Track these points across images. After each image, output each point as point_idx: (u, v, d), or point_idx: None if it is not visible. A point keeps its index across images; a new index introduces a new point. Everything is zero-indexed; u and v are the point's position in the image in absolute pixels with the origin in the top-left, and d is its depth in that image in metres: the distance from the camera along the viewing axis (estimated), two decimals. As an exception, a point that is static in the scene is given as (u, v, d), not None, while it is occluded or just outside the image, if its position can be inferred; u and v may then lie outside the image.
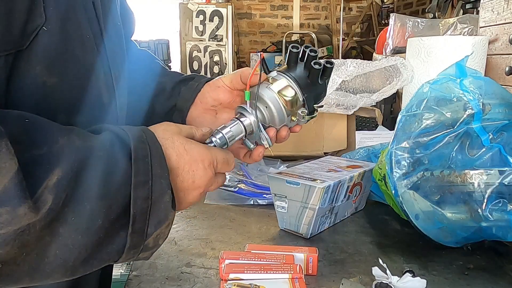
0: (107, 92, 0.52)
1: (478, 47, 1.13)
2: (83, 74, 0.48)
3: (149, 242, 0.43)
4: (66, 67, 0.45)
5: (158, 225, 0.43)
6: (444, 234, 0.68)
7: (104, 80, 0.51)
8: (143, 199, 0.41)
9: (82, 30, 0.47)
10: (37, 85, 0.43)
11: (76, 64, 0.46)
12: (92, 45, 0.49)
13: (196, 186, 0.48)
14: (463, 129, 0.67)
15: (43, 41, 0.42)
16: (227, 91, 0.63)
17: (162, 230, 0.44)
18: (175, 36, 4.24)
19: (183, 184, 0.47)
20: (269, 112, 0.56)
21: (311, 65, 0.56)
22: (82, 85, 0.48)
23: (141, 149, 0.42)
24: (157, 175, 0.42)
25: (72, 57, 0.46)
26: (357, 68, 1.12)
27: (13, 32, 0.40)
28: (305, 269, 0.62)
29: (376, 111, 1.41)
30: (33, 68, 0.42)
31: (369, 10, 4.86)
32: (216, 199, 0.94)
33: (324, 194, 0.71)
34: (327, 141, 1.30)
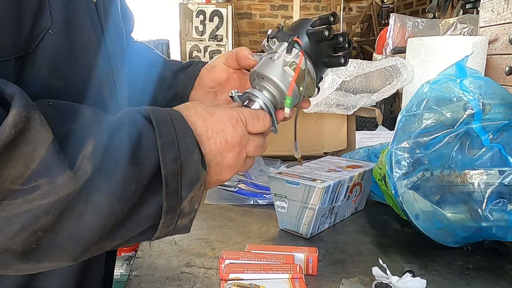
0: (108, 91, 0.52)
1: (478, 47, 1.13)
2: (86, 75, 0.48)
3: (185, 206, 0.43)
4: (70, 70, 0.46)
5: (191, 186, 0.43)
6: (444, 234, 0.68)
7: (106, 80, 0.52)
8: (172, 160, 0.41)
9: (86, 33, 0.47)
10: (43, 88, 0.43)
11: (80, 67, 0.47)
12: (95, 48, 0.49)
13: (231, 145, 0.47)
14: (463, 129, 0.67)
15: (48, 44, 0.43)
16: (223, 69, 0.63)
17: (195, 192, 0.43)
18: (175, 36, 4.25)
19: (217, 146, 0.46)
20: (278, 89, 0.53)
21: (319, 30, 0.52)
22: (85, 87, 0.48)
23: (160, 114, 0.43)
24: (181, 135, 0.42)
25: (76, 60, 0.46)
26: (357, 68, 1.13)
27: (22, 35, 0.40)
28: (305, 269, 0.62)
29: (376, 111, 1.41)
30: (39, 71, 0.43)
31: (369, 10, 4.86)
32: (216, 199, 0.94)
33: (324, 194, 0.71)
34: (327, 141, 1.30)
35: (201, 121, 0.46)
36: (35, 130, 0.34)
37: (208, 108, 0.47)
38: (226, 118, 0.47)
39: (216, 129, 0.46)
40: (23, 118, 0.33)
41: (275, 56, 0.53)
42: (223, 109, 0.48)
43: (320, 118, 1.29)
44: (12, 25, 0.39)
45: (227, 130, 0.46)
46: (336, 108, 1.15)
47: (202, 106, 0.47)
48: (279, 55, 0.53)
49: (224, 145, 0.46)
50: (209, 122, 0.46)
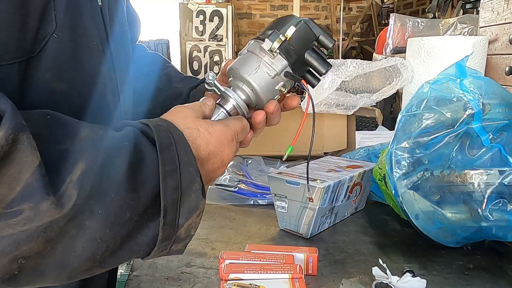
0: (112, 97, 0.52)
1: (478, 47, 1.13)
2: (90, 80, 0.48)
3: (181, 233, 0.42)
4: (74, 74, 0.45)
5: (189, 215, 0.42)
6: (444, 234, 0.68)
7: (110, 85, 0.52)
8: (173, 189, 0.40)
9: (90, 36, 0.47)
10: (47, 92, 0.43)
11: (84, 71, 0.47)
12: (99, 51, 0.49)
13: (225, 164, 0.49)
14: (463, 129, 0.67)
15: (52, 48, 0.42)
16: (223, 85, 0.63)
17: (193, 220, 0.43)
18: (175, 36, 4.24)
19: (213, 166, 0.48)
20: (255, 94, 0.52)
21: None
22: (89, 91, 0.48)
23: (165, 137, 0.42)
24: (184, 162, 0.41)
25: (80, 64, 0.46)
26: (357, 69, 1.12)
27: (26, 39, 0.40)
28: (305, 269, 0.62)
29: (376, 111, 1.41)
30: (43, 75, 0.42)
31: (369, 10, 4.86)
32: (216, 199, 0.94)
33: (324, 194, 0.71)
34: (327, 141, 1.30)
35: (205, 144, 0.46)
36: (22, 152, 0.32)
37: (209, 128, 0.47)
38: (224, 138, 0.48)
39: (217, 151, 0.47)
40: (9, 140, 0.32)
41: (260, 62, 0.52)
42: (221, 127, 0.49)
43: (320, 118, 1.28)
44: (17, 28, 0.38)
45: (225, 151, 0.48)
46: (336, 108, 1.15)
47: (203, 126, 0.47)
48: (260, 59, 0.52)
49: (219, 165, 0.49)
50: (211, 146, 0.47)
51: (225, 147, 0.48)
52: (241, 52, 0.55)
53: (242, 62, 0.53)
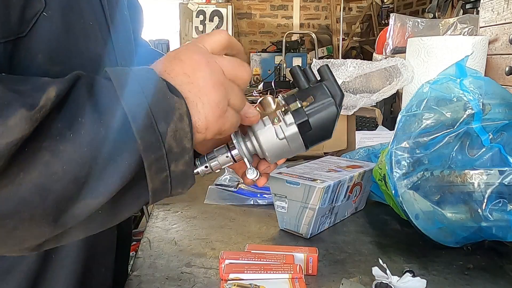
0: None
1: (478, 47, 1.13)
2: (87, 63, 0.46)
3: (171, 144, 0.38)
4: (69, 56, 0.44)
5: (168, 118, 0.38)
6: (444, 234, 0.68)
7: None
8: (134, 93, 0.37)
9: (85, 17, 0.45)
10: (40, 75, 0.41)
11: (80, 53, 0.45)
12: (96, 34, 0.47)
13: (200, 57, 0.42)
14: (463, 129, 0.67)
15: (43, 28, 0.41)
16: None
17: (176, 124, 0.38)
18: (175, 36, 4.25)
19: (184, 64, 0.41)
20: (262, 150, 0.51)
21: None
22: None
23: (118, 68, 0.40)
24: (141, 71, 0.39)
25: (75, 46, 0.44)
26: (357, 69, 1.13)
27: (11, 18, 0.38)
28: (305, 269, 0.62)
29: (376, 111, 1.41)
30: (34, 56, 0.41)
31: (369, 10, 4.86)
32: (216, 199, 0.94)
33: (324, 194, 0.71)
34: (327, 141, 1.30)
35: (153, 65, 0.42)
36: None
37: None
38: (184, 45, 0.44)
39: (169, 59, 0.42)
40: None
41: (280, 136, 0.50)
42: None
43: (320, 118, 1.28)
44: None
45: (180, 53, 0.42)
46: (336, 108, 1.14)
47: None
48: (283, 137, 0.50)
49: (181, 68, 0.41)
50: (160, 61, 0.42)
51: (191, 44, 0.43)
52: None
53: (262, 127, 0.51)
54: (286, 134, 0.50)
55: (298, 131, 0.50)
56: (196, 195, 0.95)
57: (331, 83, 0.51)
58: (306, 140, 0.51)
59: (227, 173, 1.03)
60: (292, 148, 0.51)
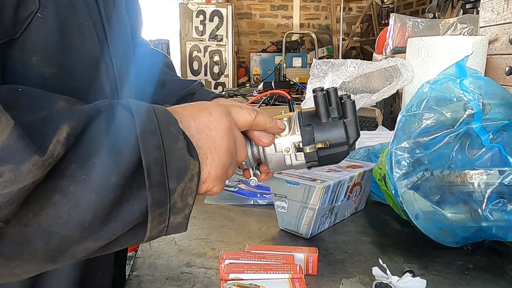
0: (108, 82, 0.50)
1: (478, 47, 1.13)
2: (83, 64, 0.45)
3: (176, 201, 0.40)
4: (64, 57, 0.43)
5: (180, 178, 0.39)
6: (444, 234, 0.68)
7: (105, 70, 0.49)
8: (154, 147, 0.38)
9: (80, 17, 0.44)
10: (36, 77, 0.41)
11: (75, 54, 0.44)
12: (92, 33, 0.46)
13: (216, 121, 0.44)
14: (463, 129, 0.67)
15: (38, 29, 0.40)
16: None
17: (186, 184, 0.40)
18: (175, 36, 4.25)
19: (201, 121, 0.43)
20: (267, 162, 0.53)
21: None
22: (83, 76, 0.45)
23: (141, 105, 0.40)
24: (163, 122, 0.39)
25: (71, 46, 0.43)
26: (357, 69, 1.13)
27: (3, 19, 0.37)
28: (305, 269, 0.62)
29: (376, 111, 1.41)
30: (28, 58, 0.40)
31: (369, 10, 4.86)
32: (216, 199, 0.94)
33: (324, 194, 0.71)
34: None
35: (182, 107, 0.44)
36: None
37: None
38: (204, 102, 0.46)
39: (198, 107, 0.44)
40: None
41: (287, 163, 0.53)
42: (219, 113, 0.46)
43: (320, 118, 1.28)
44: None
45: (210, 107, 0.45)
46: (336, 108, 1.14)
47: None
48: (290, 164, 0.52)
49: (208, 119, 0.44)
50: (191, 106, 0.44)
51: (211, 105, 0.45)
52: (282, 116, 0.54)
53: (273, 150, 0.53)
54: (293, 164, 0.52)
55: (306, 166, 0.53)
56: (196, 195, 0.95)
57: (351, 123, 0.51)
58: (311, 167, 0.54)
59: (227, 173, 1.02)
60: (295, 169, 0.54)
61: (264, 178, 0.58)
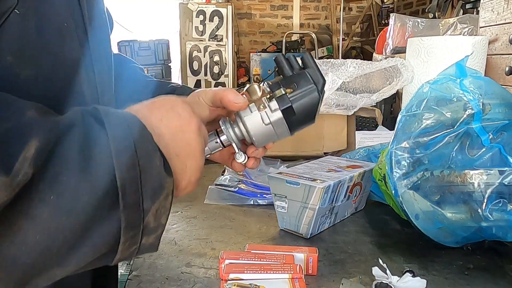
0: (88, 87, 0.47)
1: (478, 47, 1.13)
2: (61, 66, 0.42)
3: (149, 221, 0.37)
4: (42, 59, 0.40)
5: (155, 197, 0.37)
6: (444, 234, 0.68)
7: (85, 74, 0.46)
8: (129, 166, 0.35)
9: (60, 16, 0.42)
10: (10, 78, 0.38)
11: (53, 55, 0.41)
12: (73, 35, 0.43)
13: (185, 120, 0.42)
14: (463, 129, 0.67)
15: (14, 27, 0.37)
16: (211, 110, 0.58)
17: (161, 202, 0.38)
18: (175, 36, 4.25)
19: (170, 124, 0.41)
20: (249, 135, 0.53)
21: None
22: (61, 79, 0.43)
23: (115, 117, 0.37)
24: (139, 138, 0.37)
25: (48, 47, 0.41)
26: (357, 69, 1.13)
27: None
28: (305, 269, 0.62)
29: (376, 111, 1.41)
30: (3, 58, 0.38)
31: (369, 10, 4.86)
32: (216, 199, 0.94)
33: (324, 194, 0.71)
34: (327, 141, 1.30)
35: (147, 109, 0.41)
36: None
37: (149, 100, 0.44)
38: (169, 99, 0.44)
39: (165, 107, 0.42)
40: None
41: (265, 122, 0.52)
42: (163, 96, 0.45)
43: (320, 118, 1.28)
44: None
45: (176, 107, 0.42)
46: (336, 109, 1.15)
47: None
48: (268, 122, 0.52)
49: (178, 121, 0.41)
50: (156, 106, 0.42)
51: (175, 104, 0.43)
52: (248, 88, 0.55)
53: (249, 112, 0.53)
54: (271, 120, 0.52)
55: (282, 116, 0.52)
56: (196, 195, 0.95)
57: (314, 71, 0.53)
58: (291, 125, 0.53)
59: (227, 173, 1.03)
60: (277, 133, 0.53)
61: (253, 163, 0.56)
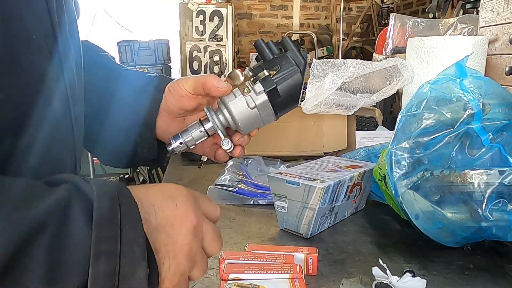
0: (60, 103, 0.43)
1: (478, 47, 1.13)
2: (30, 84, 0.39)
3: None
4: (9, 73, 0.36)
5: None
6: (444, 234, 0.68)
7: (56, 89, 0.42)
8: (107, 275, 0.31)
9: (28, 29, 0.38)
10: None
11: (22, 69, 0.38)
12: (41, 48, 0.40)
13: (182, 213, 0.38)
14: (463, 129, 0.67)
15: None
16: (192, 98, 0.57)
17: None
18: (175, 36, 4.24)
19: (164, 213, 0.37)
20: (235, 121, 0.53)
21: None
22: (30, 98, 0.39)
23: (108, 207, 0.32)
24: (128, 239, 0.32)
25: (17, 61, 0.37)
26: (357, 69, 1.12)
27: None
28: (305, 269, 0.62)
29: (376, 111, 1.41)
30: None
31: (369, 10, 4.86)
32: (216, 199, 0.94)
33: (324, 194, 0.71)
34: (327, 141, 1.30)
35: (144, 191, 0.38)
36: None
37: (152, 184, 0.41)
38: (173, 186, 0.40)
39: (163, 194, 0.39)
40: None
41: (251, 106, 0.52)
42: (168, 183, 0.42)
43: (320, 118, 1.29)
44: None
45: (178, 196, 0.39)
46: (336, 109, 1.15)
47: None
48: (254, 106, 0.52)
49: (173, 213, 0.37)
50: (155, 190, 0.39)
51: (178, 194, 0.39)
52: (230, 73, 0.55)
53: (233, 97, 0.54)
54: (256, 103, 0.52)
55: (267, 98, 0.52)
56: (196, 195, 0.95)
57: (294, 53, 0.53)
58: (276, 108, 0.53)
59: (227, 173, 1.03)
60: (263, 117, 0.53)
61: (240, 152, 0.55)
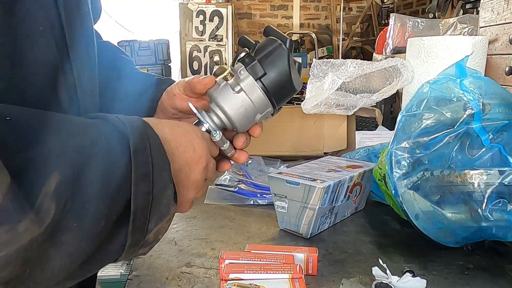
0: (67, 94, 0.44)
1: (478, 47, 1.13)
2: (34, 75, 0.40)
3: (149, 238, 0.41)
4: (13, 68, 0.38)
5: (159, 220, 0.40)
6: (444, 234, 0.68)
7: (63, 81, 0.43)
8: (145, 193, 0.38)
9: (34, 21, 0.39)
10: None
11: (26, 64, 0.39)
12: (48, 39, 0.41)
13: (198, 156, 0.46)
14: (463, 129, 0.67)
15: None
16: (183, 99, 0.58)
17: (163, 224, 0.41)
18: (175, 36, 4.25)
19: (185, 155, 0.45)
20: (224, 112, 0.50)
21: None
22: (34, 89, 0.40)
23: (140, 139, 0.38)
24: (157, 167, 0.39)
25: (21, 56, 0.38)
26: (357, 69, 1.12)
27: None
28: (305, 269, 0.62)
29: (376, 111, 1.41)
30: None
31: (369, 10, 4.86)
32: (216, 199, 0.94)
33: (324, 194, 0.71)
34: (327, 141, 1.30)
35: (171, 130, 0.44)
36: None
37: (175, 122, 0.48)
38: (192, 130, 0.47)
39: (186, 137, 0.45)
40: None
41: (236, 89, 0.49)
42: (188, 124, 0.49)
43: (320, 118, 1.29)
44: None
45: (194, 141, 0.46)
46: (336, 109, 1.15)
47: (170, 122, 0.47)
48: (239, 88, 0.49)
49: (192, 156, 0.45)
50: (179, 131, 0.45)
51: (195, 138, 0.46)
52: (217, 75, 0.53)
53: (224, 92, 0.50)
54: (241, 85, 0.48)
55: (252, 77, 0.48)
56: (196, 195, 0.95)
57: (278, 34, 0.51)
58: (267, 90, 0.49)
59: (227, 173, 1.03)
60: (254, 102, 0.49)
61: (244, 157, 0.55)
